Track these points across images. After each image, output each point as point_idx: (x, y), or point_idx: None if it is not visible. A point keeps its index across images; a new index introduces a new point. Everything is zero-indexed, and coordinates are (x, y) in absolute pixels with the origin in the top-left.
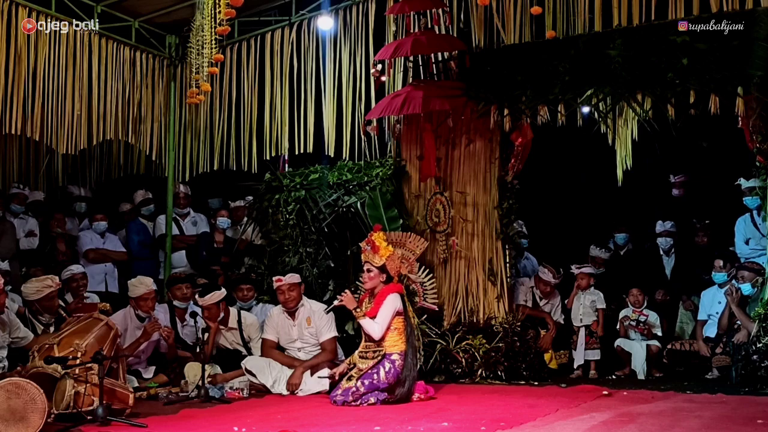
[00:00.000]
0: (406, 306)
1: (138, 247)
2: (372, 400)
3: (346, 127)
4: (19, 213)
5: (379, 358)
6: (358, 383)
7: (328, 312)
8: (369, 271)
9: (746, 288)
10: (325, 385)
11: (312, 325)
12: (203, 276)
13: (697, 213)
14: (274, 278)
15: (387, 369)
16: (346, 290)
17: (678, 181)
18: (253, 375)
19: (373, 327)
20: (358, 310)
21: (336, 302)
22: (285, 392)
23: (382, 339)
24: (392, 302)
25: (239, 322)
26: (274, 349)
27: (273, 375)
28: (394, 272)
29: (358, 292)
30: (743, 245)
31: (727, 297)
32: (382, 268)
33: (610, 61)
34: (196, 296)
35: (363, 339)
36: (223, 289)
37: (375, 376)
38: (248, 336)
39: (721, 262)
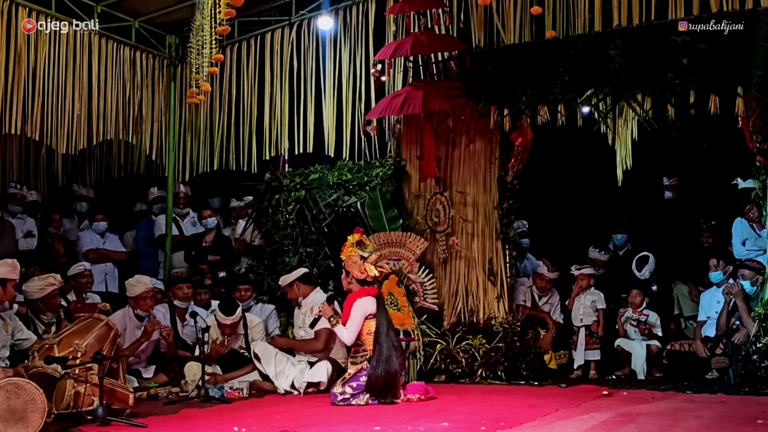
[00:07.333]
0: (381, 306)
1: (145, 245)
2: (362, 402)
3: (346, 127)
4: (17, 213)
5: (366, 362)
6: (347, 387)
7: (312, 327)
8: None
9: (746, 286)
10: (321, 376)
11: (315, 313)
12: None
13: (699, 214)
14: None
15: None
16: (324, 301)
17: (671, 184)
18: (259, 360)
19: (342, 333)
20: (332, 318)
21: (315, 314)
22: (287, 387)
23: (363, 343)
24: (359, 307)
25: (245, 325)
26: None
27: (278, 366)
28: (359, 275)
29: None
30: (740, 246)
31: (726, 296)
32: (346, 270)
33: (610, 61)
34: (217, 314)
35: (352, 345)
36: (241, 305)
37: (362, 378)
38: (252, 338)
39: (714, 261)
